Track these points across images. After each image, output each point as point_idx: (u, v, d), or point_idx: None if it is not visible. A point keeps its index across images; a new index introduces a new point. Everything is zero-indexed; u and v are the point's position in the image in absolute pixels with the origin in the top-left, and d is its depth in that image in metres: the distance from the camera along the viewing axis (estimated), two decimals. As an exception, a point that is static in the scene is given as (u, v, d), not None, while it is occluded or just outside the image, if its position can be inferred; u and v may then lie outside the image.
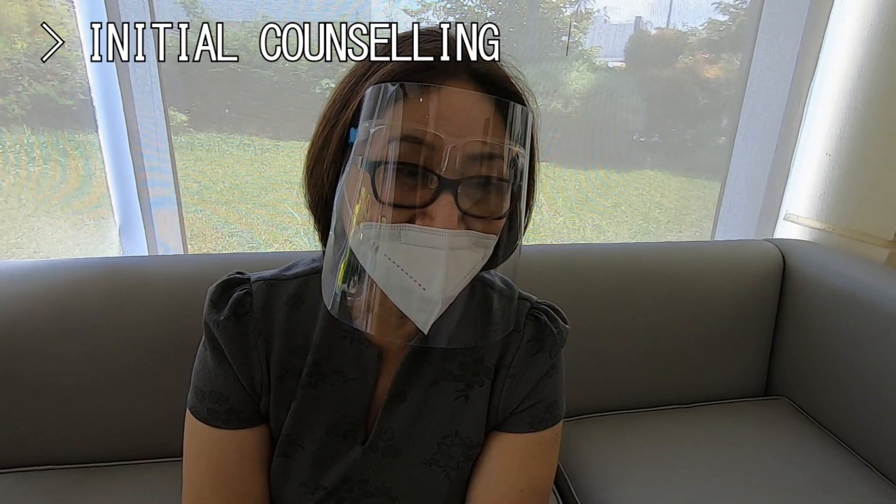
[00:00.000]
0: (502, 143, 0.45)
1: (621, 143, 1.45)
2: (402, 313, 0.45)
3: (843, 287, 1.13)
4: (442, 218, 0.42)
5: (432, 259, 0.43)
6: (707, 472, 1.01)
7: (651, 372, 1.20)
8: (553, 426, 0.60)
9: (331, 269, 0.49)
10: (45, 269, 0.94)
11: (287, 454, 0.57)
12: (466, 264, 0.45)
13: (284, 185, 1.34)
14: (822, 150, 1.35)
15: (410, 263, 0.43)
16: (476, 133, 0.44)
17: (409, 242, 0.43)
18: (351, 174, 0.46)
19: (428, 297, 0.43)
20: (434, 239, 0.43)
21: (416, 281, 0.43)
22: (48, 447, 0.94)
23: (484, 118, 0.44)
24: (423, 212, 0.43)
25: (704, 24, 1.38)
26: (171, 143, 1.16)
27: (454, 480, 0.59)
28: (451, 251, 0.43)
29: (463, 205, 0.44)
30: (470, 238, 0.44)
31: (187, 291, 0.94)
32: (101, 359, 0.92)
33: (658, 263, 1.19)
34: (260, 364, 0.55)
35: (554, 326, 0.60)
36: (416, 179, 0.43)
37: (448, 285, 0.43)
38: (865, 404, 1.07)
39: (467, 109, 0.44)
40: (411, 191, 0.43)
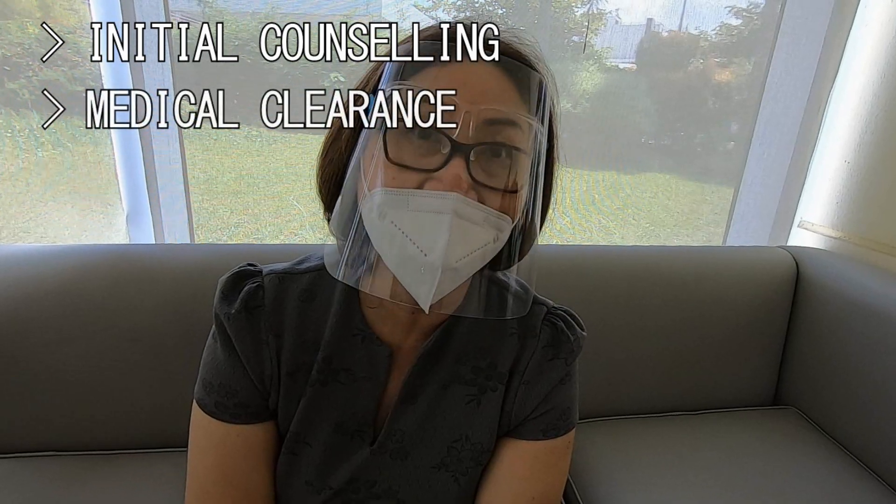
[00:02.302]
0: (518, 112, 0.45)
1: (630, 145, 1.44)
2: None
3: (858, 297, 1.11)
4: (450, 180, 0.42)
5: (436, 223, 0.42)
6: (713, 480, 1.00)
7: (659, 377, 1.19)
8: (566, 434, 0.60)
9: (339, 233, 0.49)
10: (52, 255, 0.93)
11: (294, 451, 0.57)
12: (474, 238, 0.44)
13: (291, 177, 1.33)
14: (841, 157, 1.33)
15: (415, 229, 0.42)
16: (491, 102, 0.43)
17: (416, 209, 0.42)
18: (367, 141, 0.46)
19: (429, 261, 0.42)
20: (440, 203, 0.42)
21: (418, 247, 0.42)
22: (50, 433, 0.94)
23: (501, 88, 0.44)
24: (433, 176, 0.43)
25: (717, 27, 1.36)
26: (180, 133, 1.15)
27: (463, 485, 0.59)
28: (456, 218, 0.42)
29: (476, 174, 0.43)
30: (480, 212, 0.43)
31: (195, 281, 0.93)
32: (106, 345, 0.91)
33: (669, 267, 1.18)
34: (270, 359, 0.54)
35: (571, 333, 0.59)
36: (429, 144, 0.43)
37: (451, 252, 0.42)
38: (876, 415, 1.05)
39: (485, 78, 0.44)
40: (423, 157, 0.43)
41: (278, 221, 1.35)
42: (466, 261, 0.44)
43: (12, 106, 1.05)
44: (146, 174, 1.14)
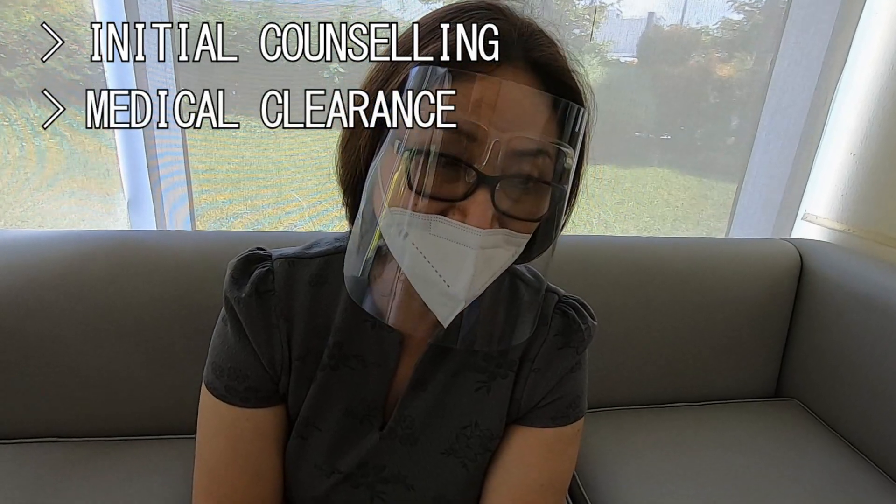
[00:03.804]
0: (551, 142, 0.42)
1: (630, 139, 1.43)
2: (423, 306, 0.43)
3: (861, 290, 1.11)
4: (476, 216, 0.40)
5: (460, 256, 0.40)
6: (715, 471, 1.00)
7: (661, 368, 1.19)
8: (575, 422, 0.59)
9: (355, 251, 0.47)
10: (53, 240, 0.92)
11: (304, 436, 0.56)
12: (495, 263, 0.43)
13: (290, 169, 1.33)
14: (847, 150, 1.33)
15: (437, 257, 0.41)
16: (524, 129, 0.40)
17: (439, 235, 0.41)
18: (386, 156, 0.44)
19: (452, 293, 0.41)
20: (465, 236, 0.40)
21: (441, 276, 0.41)
22: (51, 419, 0.93)
23: (535, 113, 0.41)
24: (458, 206, 0.41)
25: (719, 22, 1.36)
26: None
27: (471, 471, 0.58)
28: (481, 250, 0.40)
29: (500, 204, 0.41)
30: (502, 236, 0.42)
31: (197, 267, 0.92)
32: (108, 332, 0.90)
33: (672, 258, 1.17)
34: (281, 344, 0.54)
35: (582, 322, 0.59)
36: (453, 171, 0.41)
37: (474, 285, 0.41)
38: (877, 408, 1.06)
39: (518, 101, 0.40)
40: (447, 183, 0.41)
41: (277, 212, 1.35)
42: (487, 283, 0.43)
43: (9, 94, 1.04)
44: (148, 163, 1.13)
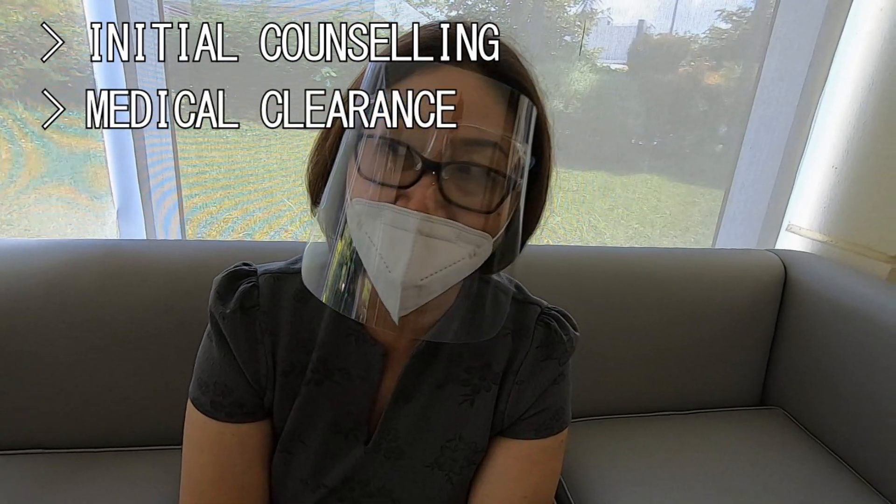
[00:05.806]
0: (496, 131, 0.43)
1: (621, 145, 1.44)
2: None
3: (844, 300, 1.13)
4: (417, 200, 0.41)
5: (401, 241, 0.41)
6: (700, 479, 1.01)
7: (647, 377, 1.20)
8: (559, 434, 0.60)
9: (314, 246, 0.49)
10: (41, 249, 0.91)
11: (289, 450, 0.56)
12: (443, 256, 0.42)
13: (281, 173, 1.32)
14: (829, 163, 1.35)
15: (385, 243, 0.42)
16: (472, 119, 0.42)
17: (386, 222, 0.42)
18: (344, 149, 0.46)
19: (391, 278, 0.42)
20: (405, 220, 0.41)
21: (384, 261, 0.42)
22: (37, 430, 0.92)
23: (484, 105, 0.42)
24: (404, 193, 0.42)
25: (707, 31, 1.37)
26: (172, 127, 1.14)
27: (456, 484, 0.59)
28: (420, 236, 0.41)
29: (449, 193, 0.42)
30: (452, 229, 0.42)
31: (185, 277, 0.92)
32: (95, 342, 0.89)
33: (658, 269, 1.19)
34: (265, 359, 0.54)
35: (564, 333, 0.59)
36: (399, 158, 0.42)
37: (413, 270, 0.41)
38: (859, 416, 1.07)
39: (468, 91, 0.42)
40: (394, 170, 0.42)
41: (268, 217, 1.34)
42: (435, 277, 0.43)
43: (-3, 95, 1.03)
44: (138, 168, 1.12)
